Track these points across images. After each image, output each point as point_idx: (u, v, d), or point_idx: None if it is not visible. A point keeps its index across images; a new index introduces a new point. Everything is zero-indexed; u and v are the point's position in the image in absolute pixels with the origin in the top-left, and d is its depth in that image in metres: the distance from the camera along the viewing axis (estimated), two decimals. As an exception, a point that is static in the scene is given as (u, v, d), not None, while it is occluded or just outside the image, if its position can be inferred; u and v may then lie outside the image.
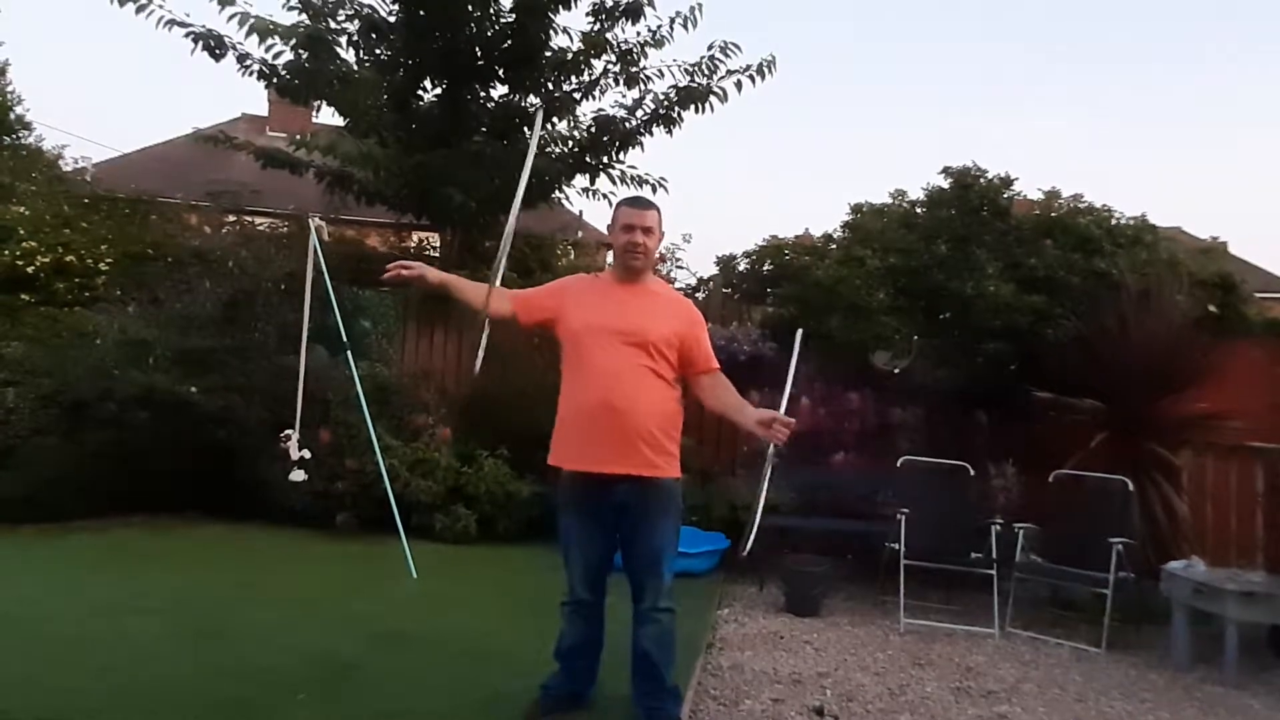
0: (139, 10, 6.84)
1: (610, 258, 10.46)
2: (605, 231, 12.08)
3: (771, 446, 2.66)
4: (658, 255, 3.13)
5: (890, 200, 6.67)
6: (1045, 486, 5.10)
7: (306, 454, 5.36)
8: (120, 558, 5.16)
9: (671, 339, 2.82)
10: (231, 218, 8.49)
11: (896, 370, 5.99)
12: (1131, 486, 4.76)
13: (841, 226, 6.71)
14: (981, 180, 6.00)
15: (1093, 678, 4.01)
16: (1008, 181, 6.06)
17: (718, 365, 2.97)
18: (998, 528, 4.88)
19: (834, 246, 6.46)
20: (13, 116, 14.87)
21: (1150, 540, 4.86)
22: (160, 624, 3.80)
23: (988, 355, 5.56)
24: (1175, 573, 4.41)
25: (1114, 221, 5.88)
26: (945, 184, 6.13)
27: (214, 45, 7.22)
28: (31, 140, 14.98)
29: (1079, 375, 5.17)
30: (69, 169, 11.53)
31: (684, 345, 2.86)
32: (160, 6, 6.89)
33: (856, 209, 6.77)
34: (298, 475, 5.32)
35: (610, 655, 3.01)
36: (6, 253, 6.75)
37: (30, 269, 6.74)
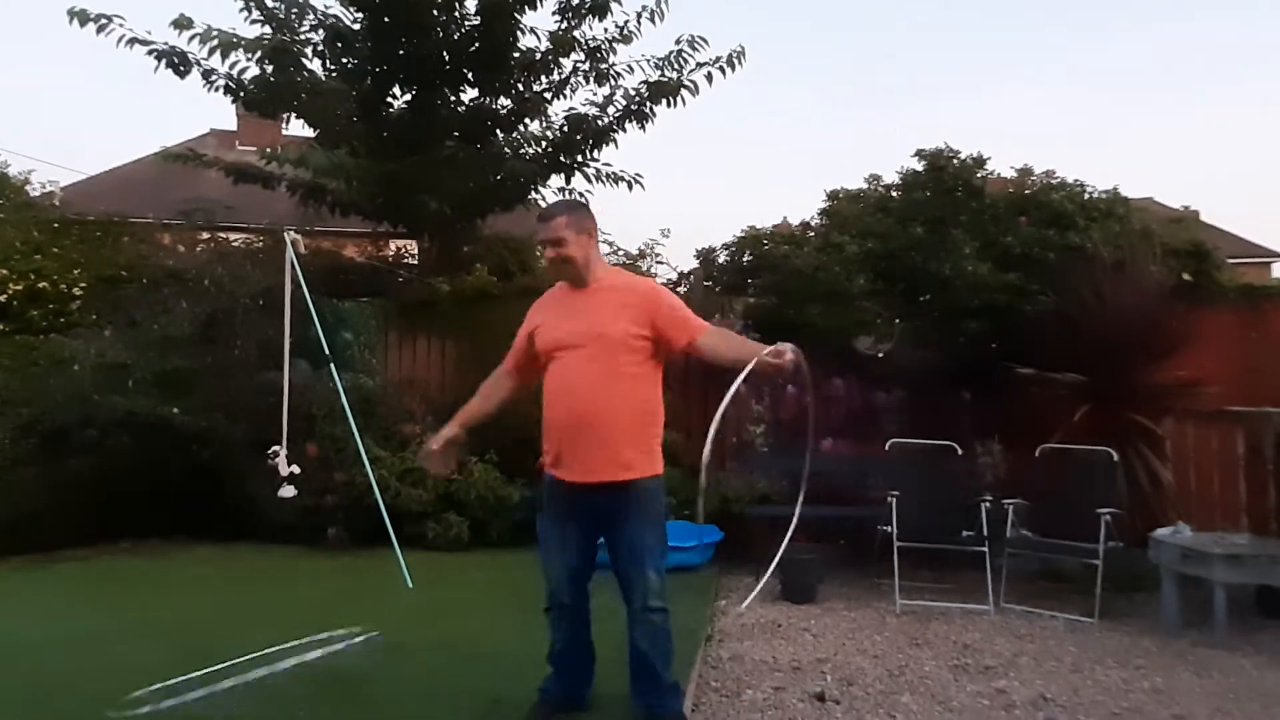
0: (99, 30, 6.75)
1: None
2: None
3: (712, 427, 2.51)
4: (608, 254, 2.98)
5: (866, 185, 6.72)
6: (1032, 462, 5.15)
7: (295, 469, 5.32)
8: (109, 585, 5.11)
9: (635, 330, 2.73)
10: (205, 235, 8.40)
11: (880, 354, 6.03)
12: (1116, 457, 4.82)
13: (819, 214, 6.75)
14: (955, 161, 6.04)
15: (1087, 648, 4.06)
16: (980, 161, 6.10)
17: (705, 324, 2.84)
18: (987, 505, 4.93)
19: (812, 234, 6.50)
20: (-25, 143, 14.64)
21: (1137, 509, 4.92)
22: (156, 650, 3.75)
23: (968, 334, 5.60)
24: (1163, 539, 4.48)
25: (1087, 196, 5.94)
26: (919, 166, 6.17)
27: (177, 62, 7.14)
28: (-5, 166, 14.72)
29: (1059, 349, 5.23)
30: (37, 194, 11.33)
31: (655, 328, 2.76)
32: (121, 25, 6.80)
33: (833, 195, 6.81)
34: (287, 491, 5.28)
35: (612, 654, 3.01)
36: (-24, 282, 6.65)
37: (3, 297, 6.64)
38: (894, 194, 6.39)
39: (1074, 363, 5.32)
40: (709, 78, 7.58)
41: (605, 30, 7.74)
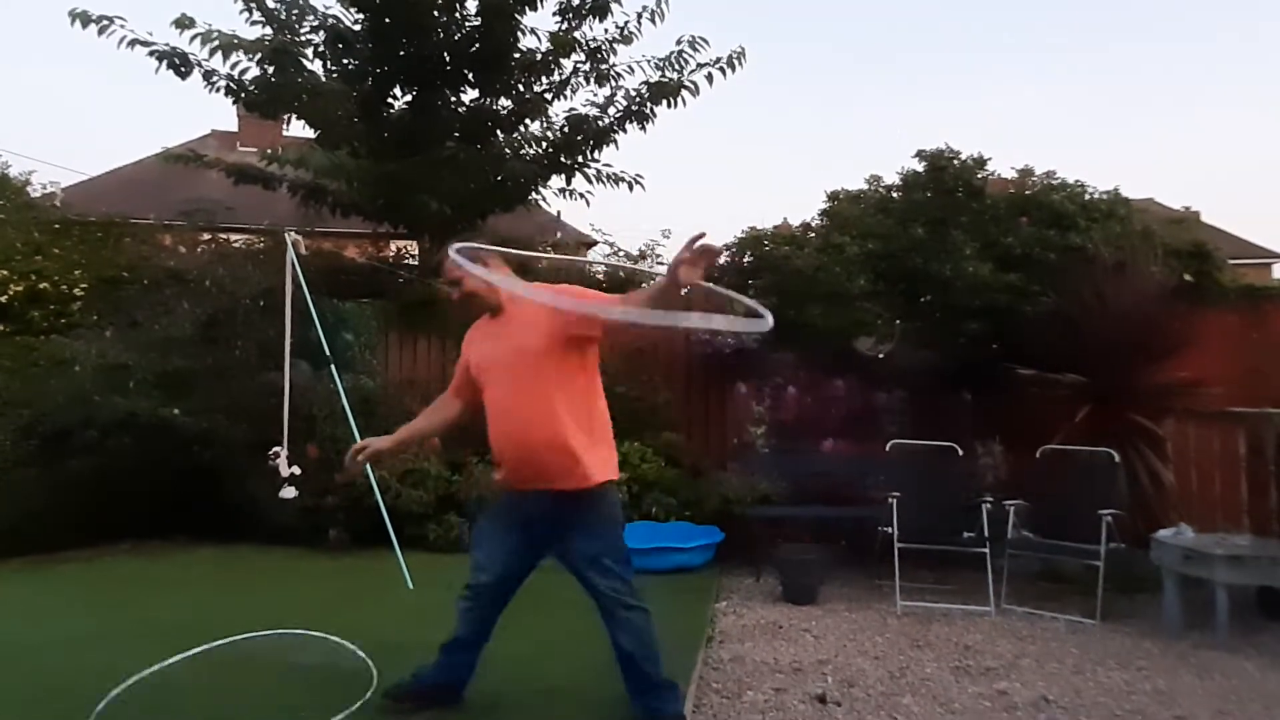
0: (100, 31, 6.75)
1: (591, 254, 10.39)
2: (582, 231, 12.05)
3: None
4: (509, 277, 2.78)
5: (866, 186, 6.71)
6: (1033, 463, 5.15)
7: (296, 470, 5.32)
8: (111, 585, 5.10)
9: (549, 342, 2.71)
10: (206, 236, 8.40)
11: (880, 355, 6.03)
12: (1117, 458, 4.81)
13: (819, 214, 6.75)
14: (955, 162, 6.05)
15: (1089, 649, 4.05)
16: (981, 162, 6.10)
17: (612, 300, 2.75)
18: (988, 506, 4.93)
19: (812, 235, 6.50)
20: (-24, 145, 14.66)
21: (1138, 510, 4.92)
22: (159, 651, 3.74)
23: (969, 335, 5.60)
24: (1164, 540, 4.47)
25: (1087, 196, 5.94)
26: (920, 167, 6.17)
27: (179, 63, 7.13)
28: (-4, 168, 14.74)
29: (1060, 350, 5.23)
30: (37, 195, 11.35)
31: (568, 333, 2.72)
32: (122, 26, 6.80)
33: (833, 196, 6.81)
34: (288, 492, 5.28)
35: (609, 654, 3.00)
36: (-23, 283, 6.66)
37: (4, 298, 6.65)
38: (894, 195, 6.39)
39: (1075, 363, 5.32)
40: (709, 78, 7.57)
41: (606, 31, 7.74)
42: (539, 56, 7.71)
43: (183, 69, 7.18)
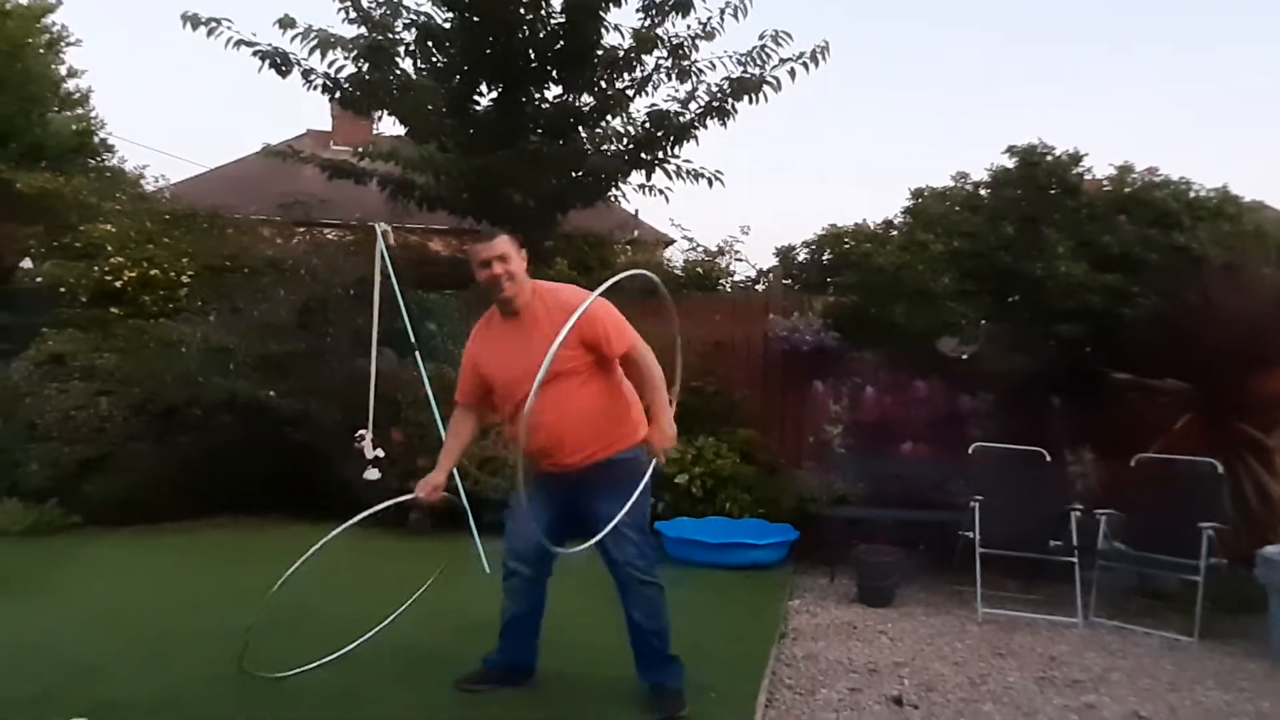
0: (209, 33, 7.13)
1: (668, 253, 10.40)
2: (659, 229, 12.05)
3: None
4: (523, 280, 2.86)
5: (953, 183, 6.52)
6: (1127, 471, 4.92)
7: (380, 453, 5.50)
8: (210, 556, 5.41)
9: (569, 350, 2.71)
10: (302, 228, 8.78)
11: (964, 356, 5.87)
12: (1221, 469, 4.57)
13: (902, 212, 6.59)
14: (1049, 158, 5.82)
15: (1185, 667, 3.86)
16: (1077, 158, 5.86)
17: (624, 348, 2.87)
18: (1078, 514, 4.74)
19: (895, 232, 6.36)
20: (96, 140, 15.63)
21: (1243, 525, 4.65)
22: (253, 618, 3.96)
23: (1061, 338, 5.38)
24: (1272, 558, 4.21)
25: (1193, 194, 5.63)
26: (1010, 164, 5.96)
27: (280, 62, 7.48)
28: (114, 162, 15.73)
29: (1161, 355, 4.98)
30: (150, 188, 12.06)
31: (585, 344, 2.81)
32: (229, 28, 7.17)
33: (917, 193, 6.63)
34: (372, 474, 5.46)
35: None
36: (96, 269, 7.10)
37: (118, 283, 7.07)
38: (983, 192, 6.19)
39: (1177, 369, 5.06)
40: (791, 74, 7.49)
41: (688, 27, 7.75)
42: (622, 53, 7.77)
43: (283, 68, 7.52)
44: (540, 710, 3.01)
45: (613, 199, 8.74)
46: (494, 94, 8.11)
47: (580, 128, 8.21)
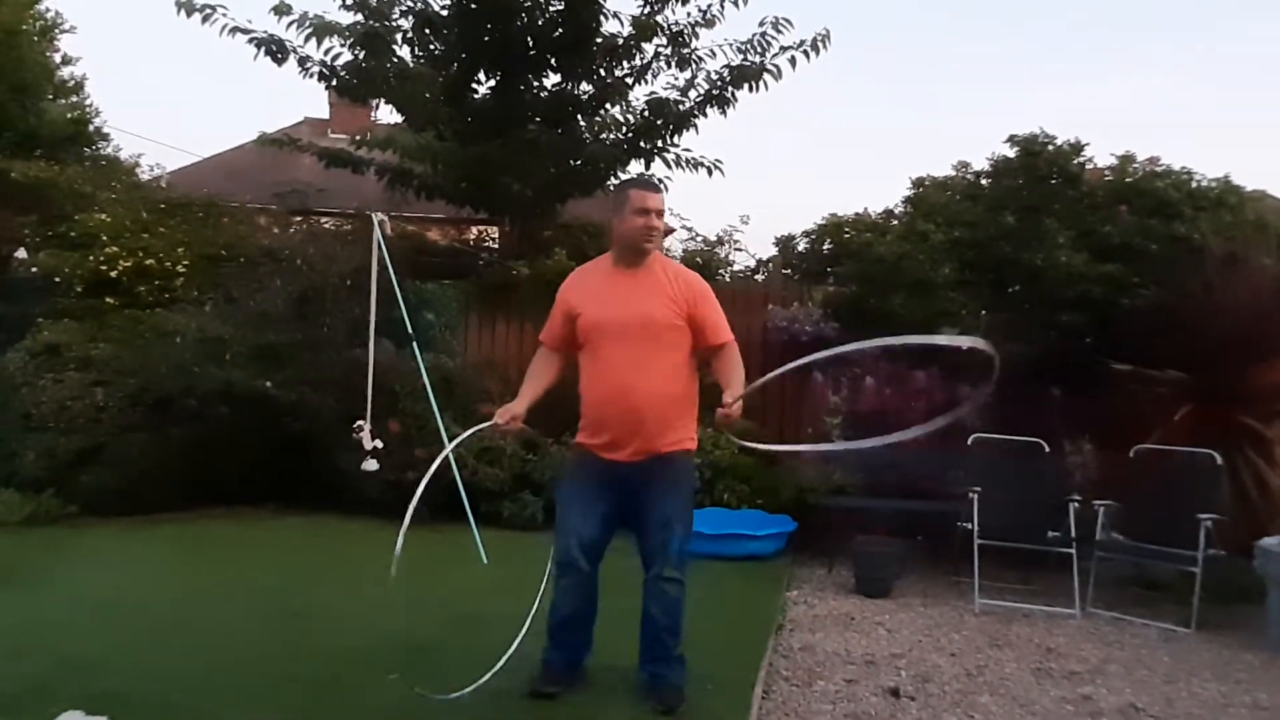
0: (204, 20, 7.06)
1: (667, 243, 10.36)
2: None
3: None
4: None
5: (953, 172, 6.50)
6: (1125, 462, 4.92)
7: (379, 444, 5.49)
8: (207, 547, 5.39)
9: (678, 319, 2.85)
10: (298, 218, 8.73)
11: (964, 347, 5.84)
12: (1220, 460, 4.56)
13: (903, 201, 6.57)
14: (1050, 147, 5.79)
15: (1182, 658, 3.87)
16: (1078, 147, 5.84)
17: (728, 338, 2.97)
18: (1076, 505, 4.74)
19: (895, 222, 6.34)
20: (91, 129, 15.51)
21: (1241, 516, 4.65)
22: (248, 609, 3.96)
23: (1060, 328, 5.38)
24: (1269, 549, 4.22)
25: (1194, 184, 5.61)
26: (1011, 153, 5.94)
27: (275, 49, 7.41)
28: (109, 150, 15.63)
29: (1161, 345, 4.98)
30: (145, 177, 12.00)
31: (692, 322, 2.89)
32: (224, 14, 7.10)
33: (918, 183, 6.61)
34: (370, 465, 5.45)
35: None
36: (91, 258, 7.04)
37: (113, 273, 7.02)
38: (983, 181, 6.17)
39: (1177, 360, 5.05)
40: (792, 62, 7.43)
41: (688, 14, 7.68)
42: (621, 41, 7.71)
43: (279, 55, 7.45)
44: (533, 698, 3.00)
45: (611, 188, 8.69)
46: (492, 82, 8.05)
47: (579, 116, 8.15)
